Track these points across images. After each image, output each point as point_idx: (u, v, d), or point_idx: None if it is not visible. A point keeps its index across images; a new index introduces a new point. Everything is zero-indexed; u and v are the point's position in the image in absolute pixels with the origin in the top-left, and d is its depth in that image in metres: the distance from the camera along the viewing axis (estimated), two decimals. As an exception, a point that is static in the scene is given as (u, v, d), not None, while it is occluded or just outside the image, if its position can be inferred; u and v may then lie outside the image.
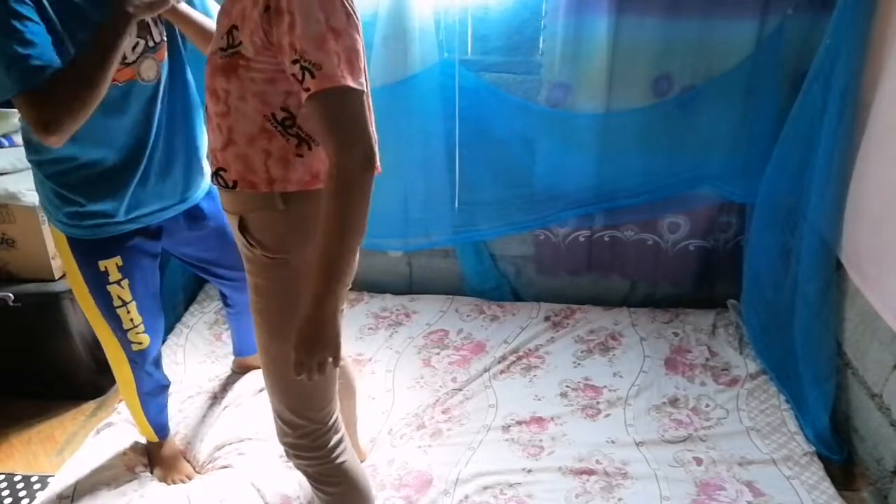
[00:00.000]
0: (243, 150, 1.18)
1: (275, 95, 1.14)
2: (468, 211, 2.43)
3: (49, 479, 1.81)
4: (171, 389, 1.85)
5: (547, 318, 2.43)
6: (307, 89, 1.06)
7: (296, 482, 1.75)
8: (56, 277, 2.05)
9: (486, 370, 2.19)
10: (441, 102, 2.23)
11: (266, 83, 1.13)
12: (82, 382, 2.17)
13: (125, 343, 1.65)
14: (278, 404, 1.34)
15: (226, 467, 1.81)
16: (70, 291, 2.01)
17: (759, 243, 2.21)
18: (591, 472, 1.79)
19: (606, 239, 2.46)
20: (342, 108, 1.07)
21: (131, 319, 1.61)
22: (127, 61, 1.37)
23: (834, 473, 1.81)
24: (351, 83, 1.06)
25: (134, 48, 1.38)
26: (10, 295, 1.99)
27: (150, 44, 1.41)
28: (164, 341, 2.30)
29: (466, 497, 1.72)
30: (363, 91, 1.09)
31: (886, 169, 1.70)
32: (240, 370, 2.15)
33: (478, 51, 2.25)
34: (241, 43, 1.12)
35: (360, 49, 1.11)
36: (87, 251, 1.53)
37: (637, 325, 2.40)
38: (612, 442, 1.90)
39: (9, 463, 1.95)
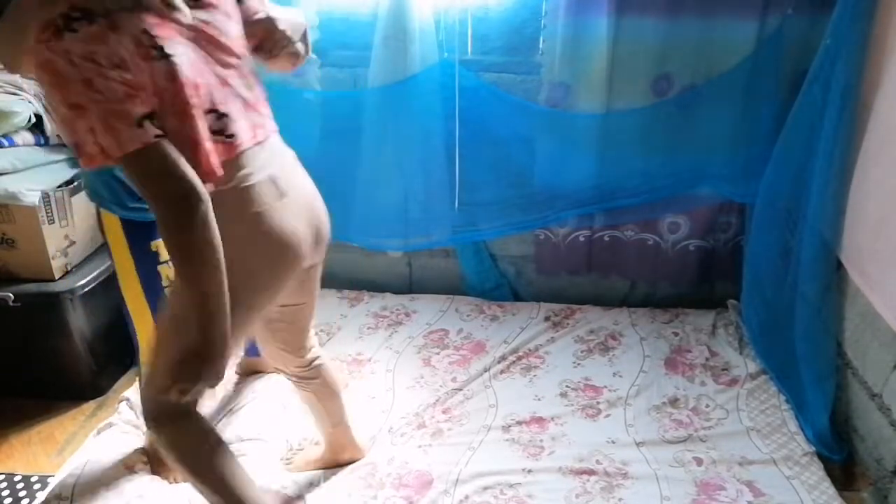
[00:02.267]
0: None
1: None
2: (468, 211, 2.43)
3: (49, 479, 1.81)
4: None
5: (547, 318, 2.43)
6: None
7: (294, 482, 1.75)
8: (56, 277, 2.05)
9: (486, 370, 2.19)
10: (441, 102, 2.23)
11: None
12: (82, 382, 2.17)
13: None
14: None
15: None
16: (70, 291, 2.03)
17: (759, 243, 2.21)
18: (591, 473, 1.79)
19: (606, 239, 2.46)
20: (130, 172, 1.07)
21: None
22: None
23: (834, 473, 1.81)
24: (117, 152, 1.02)
25: None
26: (10, 295, 1.99)
27: None
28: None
29: (466, 497, 1.72)
30: (145, 144, 1.03)
31: (887, 169, 1.70)
32: (244, 373, 2.14)
33: (478, 51, 2.25)
34: None
35: (126, 98, 1.02)
36: (140, 232, 1.55)
37: (637, 325, 2.40)
38: (613, 442, 1.90)
39: (9, 463, 1.95)
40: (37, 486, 1.85)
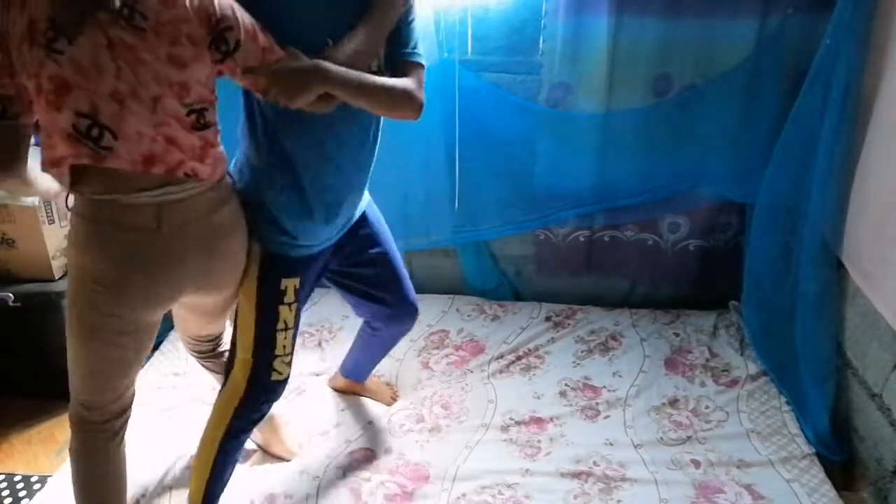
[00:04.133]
0: None
1: None
2: (468, 211, 2.43)
3: (49, 479, 1.81)
4: (172, 397, 1.84)
5: (548, 318, 2.43)
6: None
7: (279, 482, 1.78)
8: (56, 277, 2.06)
9: (485, 368, 2.19)
10: (441, 102, 2.23)
11: None
12: (82, 382, 2.17)
13: (264, 369, 1.52)
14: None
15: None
16: (70, 291, 2.03)
17: (759, 243, 2.20)
18: (588, 475, 1.79)
19: (606, 239, 2.46)
20: None
21: (284, 346, 1.52)
22: None
23: (834, 474, 1.81)
24: None
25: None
26: (10, 295, 2.00)
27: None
28: (161, 343, 2.31)
29: (464, 495, 1.72)
30: None
31: (888, 169, 1.70)
32: (337, 388, 2.10)
33: (478, 51, 2.24)
34: None
35: None
36: (275, 267, 1.47)
37: (638, 325, 2.39)
38: (611, 444, 1.90)
39: (9, 463, 1.95)
40: (37, 486, 1.85)
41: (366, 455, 1.86)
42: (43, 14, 1.08)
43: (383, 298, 1.75)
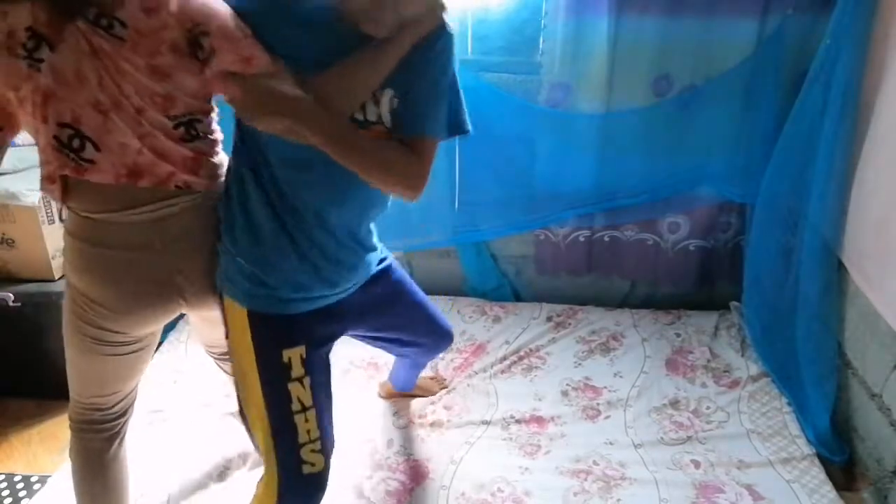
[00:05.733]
0: None
1: None
2: (468, 211, 2.43)
3: (49, 479, 1.81)
4: (172, 397, 1.83)
5: (549, 319, 2.43)
6: None
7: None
8: (56, 277, 2.06)
9: (487, 369, 2.19)
10: (441, 102, 2.23)
11: None
12: (82, 382, 2.17)
13: (293, 463, 1.26)
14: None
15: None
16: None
17: (760, 243, 2.20)
18: (588, 473, 1.79)
19: (606, 239, 2.46)
20: None
21: (308, 431, 1.25)
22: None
23: (834, 474, 1.81)
24: None
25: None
26: (10, 295, 1.99)
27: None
28: (161, 343, 2.31)
29: (463, 494, 1.72)
30: None
31: (888, 169, 1.70)
32: (388, 397, 2.07)
33: (478, 51, 2.25)
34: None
35: None
36: (271, 337, 1.24)
37: (639, 325, 2.39)
38: (611, 443, 1.90)
39: (9, 463, 1.95)
40: (37, 486, 1.85)
41: (367, 452, 1.86)
42: (23, 23, 1.06)
43: (419, 342, 1.65)
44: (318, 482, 1.29)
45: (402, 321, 1.56)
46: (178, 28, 1.11)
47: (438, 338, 1.69)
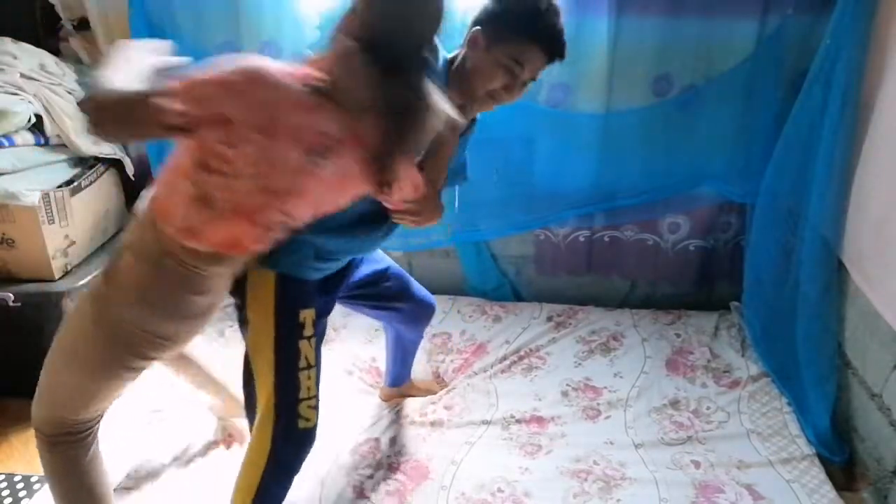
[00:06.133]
0: None
1: None
2: (468, 211, 2.43)
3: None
4: (168, 397, 1.83)
5: (549, 319, 2.42)
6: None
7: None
8: (56, 277, 2.05)
9: (487, 369, 2.19)
10: (441, 102, 2.23)
11: None
12: (82, 382, 2.17)
13: (290, 417, 1.38)
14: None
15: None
16: (70, 291, 2.02)
17: (760, 243, 2.20)
18: (588, 473, 1.79)
19: (606, 239, 2.46)
20: None
21: (308, 388, 1.40)
22: None
23: (834, 474, 1.81)
24: None
25: None
26: (10, 295, 1.99)
27: None
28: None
29: (463, 494, 1.72)
30: None
31: (888, 169, 1.70)
32: (387, 399, 2.08)
33: (478, 51, 2.24)
34: None
35: None
36: (294, 297, 1.38)
37: (639, 326, 2.39)
38: (611, 443, 1.90)
39: (9, 463, 1.95)
40: (37, 486, 1.85)
41: (367, 452, 1.86)
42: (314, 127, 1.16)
43: (397, 308, 1.78)
44: (311, 437, 1.43)
45: (379, 288, 1.72)
46: None
47: (416, 305, 1.81)
